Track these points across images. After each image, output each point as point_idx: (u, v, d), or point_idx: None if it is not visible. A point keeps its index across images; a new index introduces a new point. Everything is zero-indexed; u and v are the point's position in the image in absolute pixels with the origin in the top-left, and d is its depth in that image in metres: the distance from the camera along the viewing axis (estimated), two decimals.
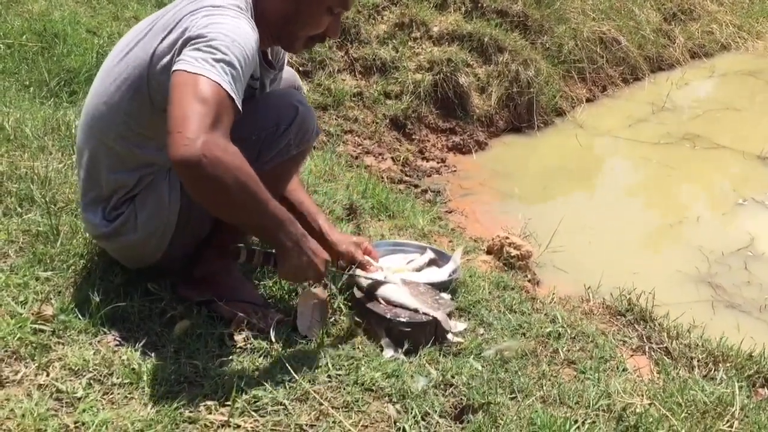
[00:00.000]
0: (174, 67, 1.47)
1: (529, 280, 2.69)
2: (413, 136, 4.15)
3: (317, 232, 1.96)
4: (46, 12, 3.82)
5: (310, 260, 1.62)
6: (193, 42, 1.50)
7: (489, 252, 2.82)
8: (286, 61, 1.97)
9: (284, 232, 1.57)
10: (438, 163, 4.05)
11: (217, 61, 1.46)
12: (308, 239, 1.63)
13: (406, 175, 3.83)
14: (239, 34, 1.52)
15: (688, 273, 3.05)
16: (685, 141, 4.55)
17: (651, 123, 4.87)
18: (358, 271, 1.95)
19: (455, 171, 3.99)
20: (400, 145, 4.06)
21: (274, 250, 1.65)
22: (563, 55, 5.00)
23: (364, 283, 1.92)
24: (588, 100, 5.04)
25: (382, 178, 3.59)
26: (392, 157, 3.93)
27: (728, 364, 2.09)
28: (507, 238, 2.83)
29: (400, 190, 3.56)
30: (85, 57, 3.42)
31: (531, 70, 4.59)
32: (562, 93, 4.83)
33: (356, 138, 3.96)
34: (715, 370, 2.05)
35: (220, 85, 1.44)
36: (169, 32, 1.58)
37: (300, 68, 4.00)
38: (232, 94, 1.46)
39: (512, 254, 2.75)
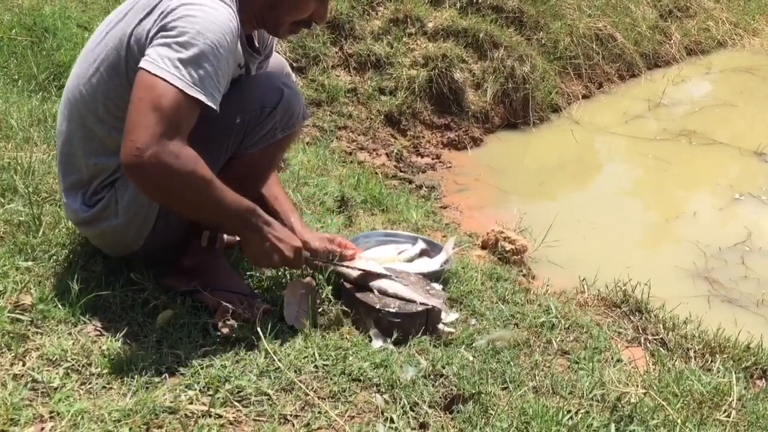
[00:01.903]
0: (140, 63, 1.46)
1: (524, 275, 2.65)
2: (408, 132, 4.11)
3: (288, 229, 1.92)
4: (36, 6, 3.79)
5: (273, 245, 1.64)
6: (164, 34, 1.47)
7: (484, 246, 2.78)
8: (274, 48, 1.93)
9: (244, 223, 1.60)
10: (433, 159, 4.01)
11: (184, 62, 1.44)
12: (273, 227, 1.65)
13: (401, 171, 3.79)
14: (213, 29, 1.48)
15: (685, 268, 3.02)
16: (682, 137, 4.52)
17: (647, 119, 4.84)
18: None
19: (450, 167, 3.95)
20: (395, 141, 4.02)
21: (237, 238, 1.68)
22: (559, 52, 4.97)
23: (353, 274, 1.88)
24: (584, 97, 5.01)
25: (376, 173, 3.55)
26: (386, 153, 3.89)
27: (725, 356, 2.05)
28: (502, 232, 2.80)
29: (394, 185, 3.51)
30: (75, 51, 3.37)
31: (526, 66, 4.55)
32: (558, 89, 4.80)
33: (350, 134, 3.92)
34: (711, 362, 2.02)
35: (180, 90, 1.43)
36: (148, 14, 1.54)
37: (294, 64, 3.96)
38: (197, 96, 1.46)
39: (507, 248, 2.72)
